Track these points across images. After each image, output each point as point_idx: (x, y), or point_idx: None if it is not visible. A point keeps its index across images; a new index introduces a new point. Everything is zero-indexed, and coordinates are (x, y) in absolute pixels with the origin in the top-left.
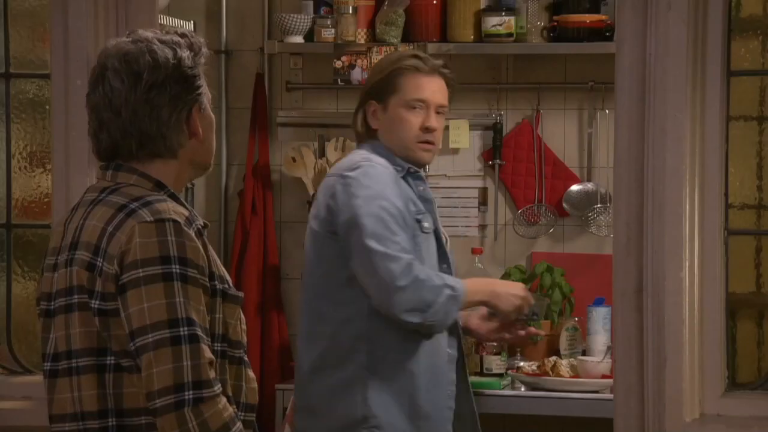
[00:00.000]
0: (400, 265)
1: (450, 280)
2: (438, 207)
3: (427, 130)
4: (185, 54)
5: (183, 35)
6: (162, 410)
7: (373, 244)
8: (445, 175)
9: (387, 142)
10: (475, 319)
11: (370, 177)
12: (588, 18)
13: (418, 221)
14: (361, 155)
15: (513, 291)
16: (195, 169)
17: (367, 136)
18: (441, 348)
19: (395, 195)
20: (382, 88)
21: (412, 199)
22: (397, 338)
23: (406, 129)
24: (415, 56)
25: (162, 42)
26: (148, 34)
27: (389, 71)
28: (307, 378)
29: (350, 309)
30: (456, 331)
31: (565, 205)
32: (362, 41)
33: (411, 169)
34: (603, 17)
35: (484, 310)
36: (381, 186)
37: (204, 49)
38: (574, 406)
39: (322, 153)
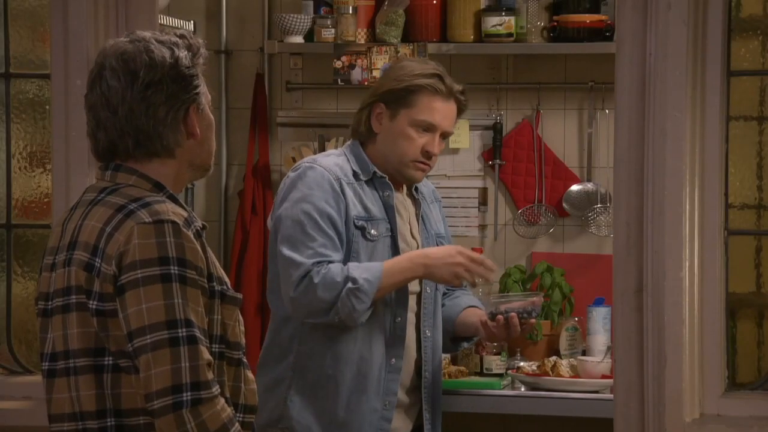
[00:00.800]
0: (299, 273)
1: (355, 271)
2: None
3: (427, 154)
4: (183, 54)
5: (182, 36)
6: (160, 411)
7: (284, 249)
8: (445, 175)
9: (384, 150)
10: (476, 317)
11: (302, 180)
12: (588, 18)
13: (361, 228)
14: (317, 156)
15: (447, 259)
16: (194, 171)
17: (364, 136)
18: (374, 358)
19: (324, 199)
20: (395, 97)
21: (366, 205)
22: (325, 343)
23: (407, 147)
24: (440, 78)
25: (160, 42)
26: (147, 34)
27: (408, 84)
28: (257, 371)
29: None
30: (402, 339)
31: (565, 205)
32: (362, 41)
33: (377, 173)
34: (603, 17)
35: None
36: (310, 190)
37: (203, 50)
38: (574, 406)
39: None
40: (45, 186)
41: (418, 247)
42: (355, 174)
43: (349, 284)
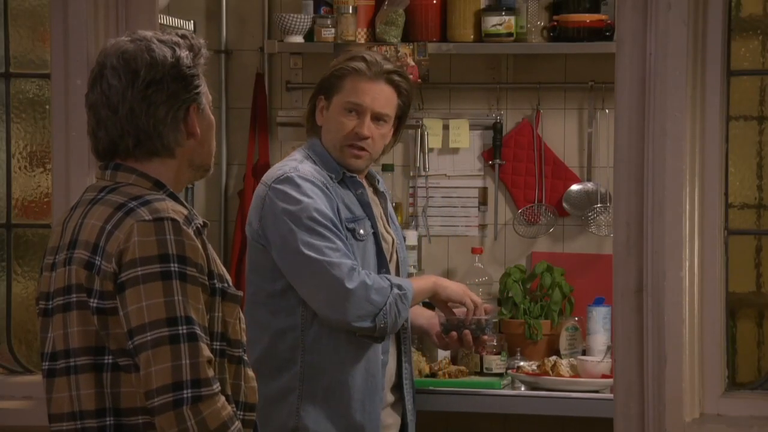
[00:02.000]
0: (344, 271)
1: (395, 279)
2: (438, 207)
3: (356, 136)
4: (184, 54)
5: (183, 36)
6: (160, 409)
7: (311, 252)
8: (445, 175)
9: (325, 142)
10: (424, 319)
11: (298, 190)
12: (588, 18)
13: (352, 229)
14: (290, 164)
15: (459, 290)
16: (194, 171)
17: (313, 131)
18: (377, 357)
19: (324, 205)
20: (328, 85)
21: (347, 205)
22: (334, 349)
23: (337, 131)
24: (363, 59)
25: (161, 41)
26: (148, 33)
27: (335, 69)
28: None
29: (287, 319)
30: (396, 335)
31: (565, 204)
32: (362, 41)
33: (347, 174)
34: (603, 17)
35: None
36: (309, 198)
37: (204, 51)
38: (574, 406)
39: None
40: (45, 186)
41: (393, 243)
42: (330, 177)
43: (396, 290)
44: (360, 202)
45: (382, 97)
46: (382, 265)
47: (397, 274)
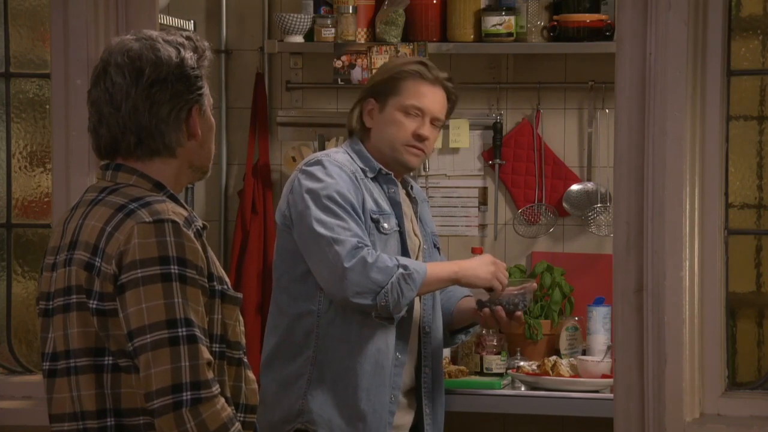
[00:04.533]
0: (346, 248)
1: (404, 260)
2: (438, 207)
3: (419, 137)
4: (189, 54)
5: (188, 38)
6: (160, 411)
7: (320, 229)
8: (445, 175)
9: (377, 142)
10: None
11: (324, 169)
12: (588, 17)
13: (376, 221)
14: (327, 152)
15: (482, 262)
16: (194, 172)
17: (359, 133)
18: (389, 350)
19: (346, 188)
20: (383, 88)
21: (375, 199)
22: (345, 336)
23: (397, 131)
24: (422, 63)
25: (166, 41)
26: (153, 33)
27: (393, 73)
28: (264, 368)
29: (304, 304)
30: (407, 334)
31: (565, 204)
32: (362, 41)
33: (383, 171)
34: (603, 17)
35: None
36: (332, 179)
37: (208, 53)
38: (574, 406)
39: None
40: (45, 186)
41: (420, 245)
42: (362, 170)
43: (401, 270)
44: (390, 200)
45: (440, 102)
46: None
47: None
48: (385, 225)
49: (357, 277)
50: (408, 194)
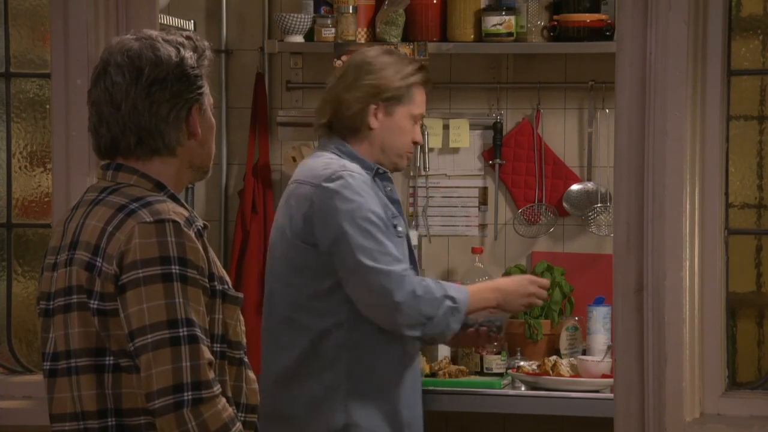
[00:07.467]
0: (393, 279)
1: (451, 289)
2: (438, 207)
3: (416, 143)
4: (188, 54)
5: (188, 37)
6: (161, 411)
7: (364, 260)
8: (445, 175)
9: (382, 143)
10: None
11: (351, 189)
12: (588, 17)
13: (394, 226)
14: (335, 163)
15: (521, 290)
16: (194, 172)
17: (346, 132)
18: (417, 354)
19: (376, 204)
20: (396, 94)
21: (385, 203)
22: (380, 347)
23: (405, 139)
24: (425, 68)
25: (166, 41)
26: (153, 32)
27: (411, 83)
28: (280, 386)
29: (331, 319)
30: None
31: (565, 204)
32: (362, 41)
33: (380, 169)
34: (603, 17)
35: None
36: (362, 198)
37: (208, 53)
38: (574, 406)
39: None
40: (45, 185)
41: (410, 239)
42: (367, 174)
43: (449, 302)
44: (390, 199)
45: None
46: (411, 263)
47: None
48: (400, 228)
49: (408, 310)
50: None
